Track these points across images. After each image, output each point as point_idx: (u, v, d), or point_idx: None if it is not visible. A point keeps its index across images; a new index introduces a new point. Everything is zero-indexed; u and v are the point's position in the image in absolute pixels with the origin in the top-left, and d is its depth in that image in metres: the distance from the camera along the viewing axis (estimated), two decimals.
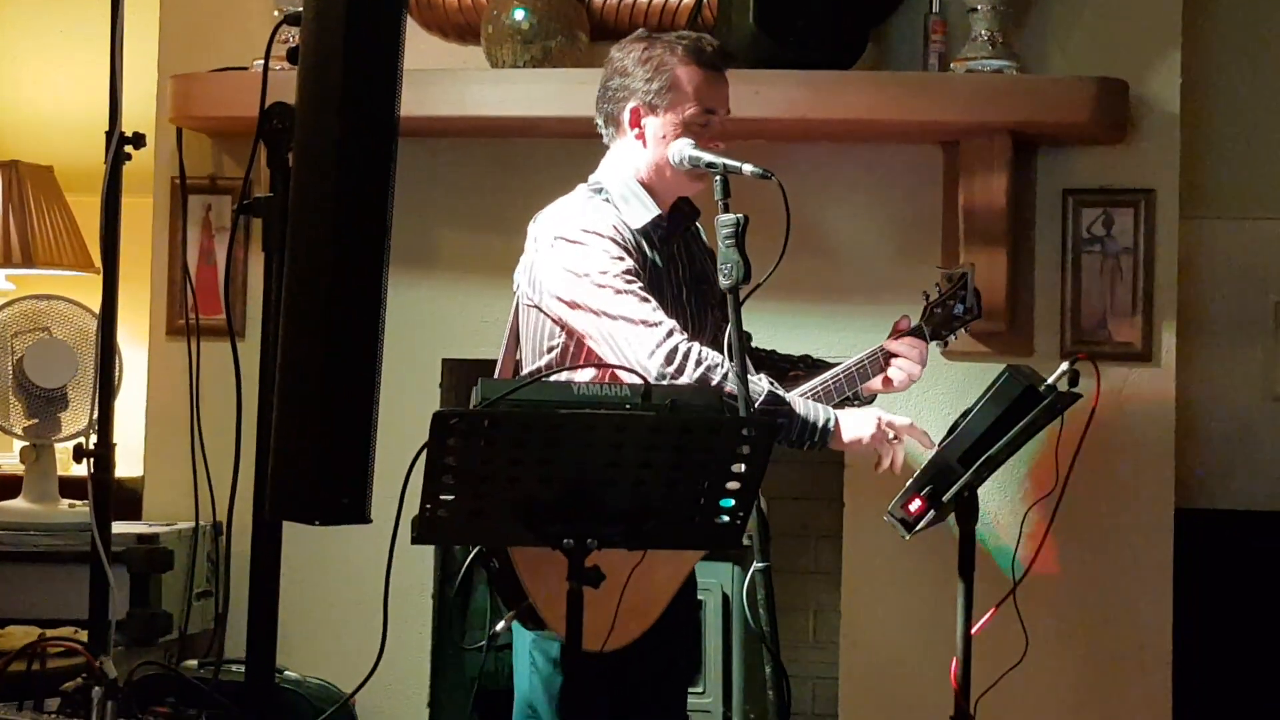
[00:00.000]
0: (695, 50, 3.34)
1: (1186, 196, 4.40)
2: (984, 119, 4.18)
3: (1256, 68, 4.71)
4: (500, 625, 3.22)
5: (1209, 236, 4.66)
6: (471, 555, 3.18)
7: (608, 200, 3.36)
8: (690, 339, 3.23)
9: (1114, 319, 4.35)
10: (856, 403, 3.51)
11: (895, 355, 3.48)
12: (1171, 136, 4.35)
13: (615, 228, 3.29)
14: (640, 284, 3.23)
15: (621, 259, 3.24)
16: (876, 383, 3.50)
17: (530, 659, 3.28)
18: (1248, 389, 4.69)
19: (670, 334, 3.18)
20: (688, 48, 3.34)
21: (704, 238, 3.54)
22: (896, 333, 3.54)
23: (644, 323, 3.19)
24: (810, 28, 4.18)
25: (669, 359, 3.16)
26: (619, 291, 3.21)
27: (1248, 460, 4.68)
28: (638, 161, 3.37)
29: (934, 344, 3.57)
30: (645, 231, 3.34)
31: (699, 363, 3.15)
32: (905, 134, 4.35)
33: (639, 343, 3.18)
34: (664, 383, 3.13)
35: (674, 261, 3.41)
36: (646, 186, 3.37)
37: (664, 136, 3.32)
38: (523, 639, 3.30)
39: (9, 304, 4.47)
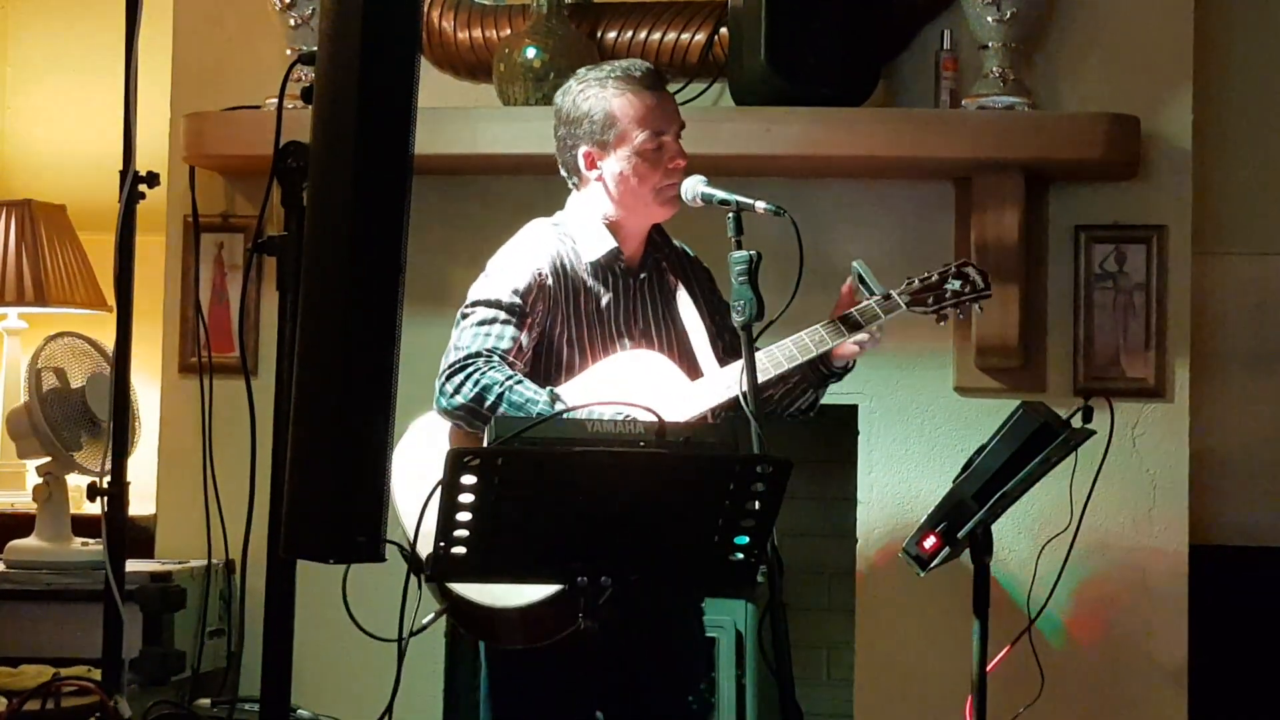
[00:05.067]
0: (625, 78, 3.33)
1: (1199, 232, 4.39)
2: (996, 155, 4.18)
3: (1269, 103, 4.71)
4: (427, 620, 3.20)
5: (1222, 272, 4.65)
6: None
7: (564, 234, 3.37)
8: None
9: (1127, 355, 4.34)
10: (834, 379, 3.44)
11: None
12: (1183, 172, 4.34)
13: (548, 258, 3.32)
14: (503, 314, 3.24)
15: (504, 291, 3.26)
16: (847, 347, 3.38)
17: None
18: (1262, 424, 4.67)
19: (469, 357, 3.19)
20: (617, 77, 3.33)
21: (691, 264, 3.54)
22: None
23: (454, 348, 3.25)
24: (822, 65, 4.18)
25: (449, 378, 3.20)
26: (463, 316, 3.30)
27: (1263, 496, 4.65)
28: (604, 203, 3.36)
29: (928, 315, 3.47)
30: (602, 264, 3.35)
31: (476, 383, 3.16)
32: (917, 171, 4.35)
33: (442, 367, 3.24)
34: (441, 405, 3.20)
35: (640, 294, 3.40)
36: (615, 224, 3.37)
37: (621, 171, 3.32)
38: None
39: (52, 339, 4.43)
